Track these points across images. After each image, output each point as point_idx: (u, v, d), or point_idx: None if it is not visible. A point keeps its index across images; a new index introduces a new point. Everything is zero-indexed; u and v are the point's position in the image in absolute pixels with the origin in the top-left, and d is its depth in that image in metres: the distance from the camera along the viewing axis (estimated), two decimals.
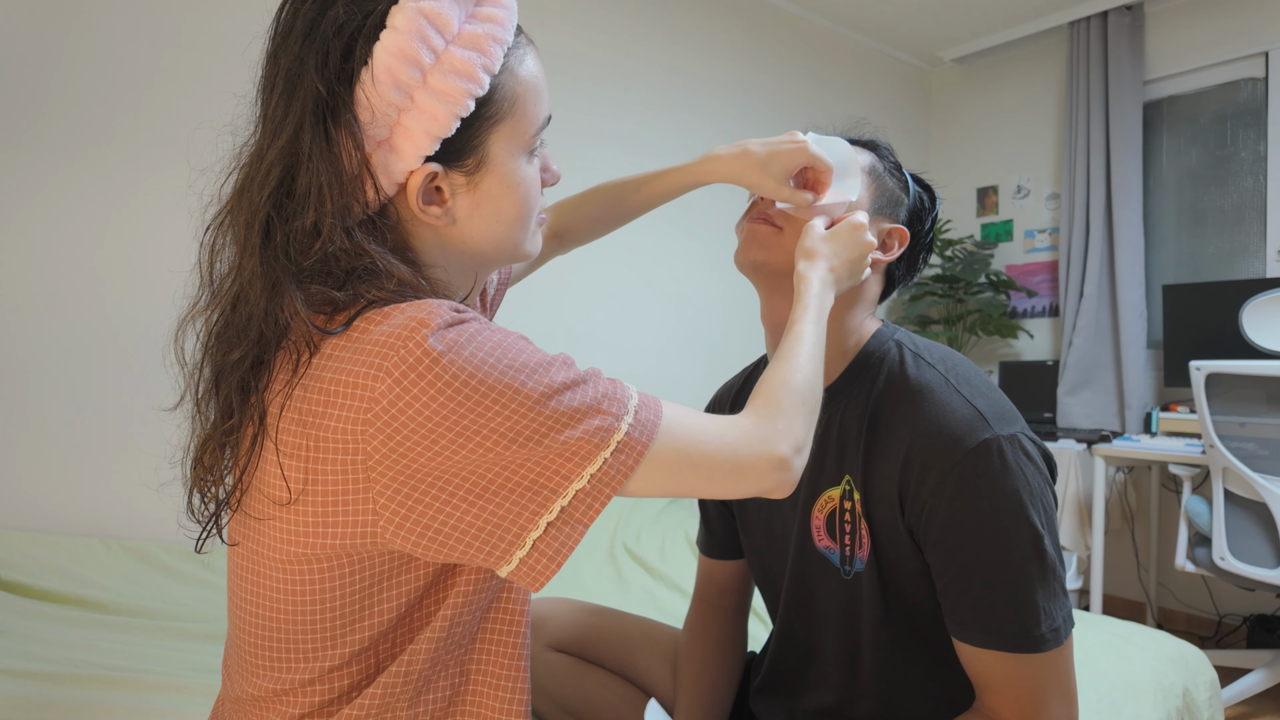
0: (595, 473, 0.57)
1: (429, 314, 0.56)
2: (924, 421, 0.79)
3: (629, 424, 0.59)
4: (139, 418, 1.74)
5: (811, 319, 0.76)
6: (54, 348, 1.66)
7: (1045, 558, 0.76)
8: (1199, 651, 1.48)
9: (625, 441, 0.58)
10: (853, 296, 0.90)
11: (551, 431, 0.56)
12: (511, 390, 0.55)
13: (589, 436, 0.57)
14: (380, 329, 0.56)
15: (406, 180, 0.61)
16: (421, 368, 0.54)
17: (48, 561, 1.49)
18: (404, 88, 0.58)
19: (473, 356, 0.55)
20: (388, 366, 0.54)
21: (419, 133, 0.59)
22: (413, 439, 0.54)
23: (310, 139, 0.57)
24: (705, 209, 2.83)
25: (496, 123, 0.63)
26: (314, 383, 0.57)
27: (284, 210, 0.58)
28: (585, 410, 0.57)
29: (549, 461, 0.56)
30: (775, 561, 0.97)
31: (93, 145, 1.70)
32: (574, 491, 0.57)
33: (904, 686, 0.88)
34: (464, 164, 0.63)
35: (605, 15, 2.59)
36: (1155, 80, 3.08)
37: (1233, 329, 2.49)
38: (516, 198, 0.66)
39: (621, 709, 1.08)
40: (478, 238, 0.66)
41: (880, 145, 0.95)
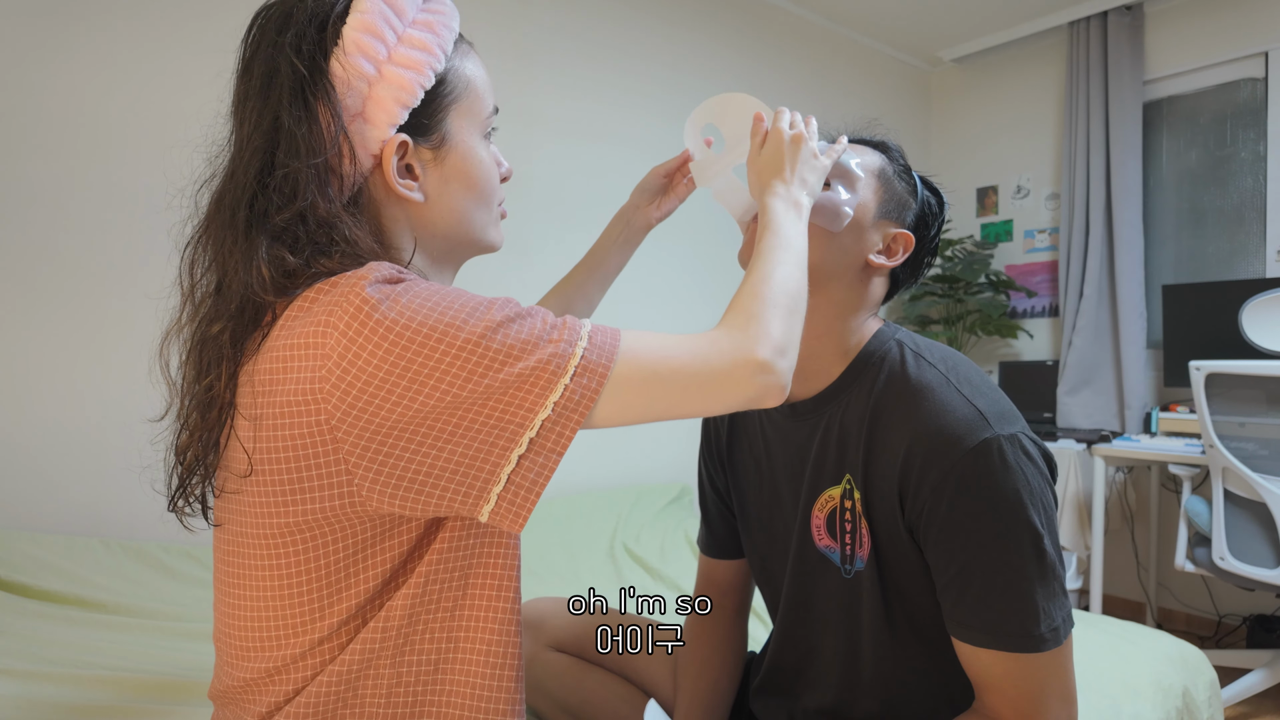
0: (559, 400, 0.57)
1: (368, 269, 0.59)
2: (924, 421, 0.79)
3: (584, 348, 0.59)
4: (139, 418, 1.74)
5: (774, 229, 0.76)
6: (54, 347, 1.66)
7: (1045, 557, 0.76)
8: (1199, 651, 1.48)
9: (584, 365, 0.59)
10: (855, 300, 0.89)
11: (504, 365, 0.57)
12: (454, 329, 0.57)
13: (543, 365, 0.58)
14: (328, 295, 0.59)
15: (380, 153, 0.65)
16: (362, 317, 0.56)
17: (48, 561, 1.49)
18: (372, 60, 0.63)
19: (410, 303, 0.57)
20: (333, 322, 0.56)
21: (389, 101, 0.64)
22: (369, 391, 0.55)
23: (290, 113, 0.61)
24: (706, 208, 2.83)
25: (454, 102, 0.68)
26: (268, 352, 0.59)
27: (266, 182, 0.62)
28: (534, 341, 0.58)
29: (509, 395, 0.57)
30: (776, 560, 0.97)
31: (93, 146, 1.70)
32: (540, 422, 0.57)
33: (904, 686, 0.88)
34: (430, 139, 0.68)
35: (605, 15, 2.59)
36: (1155, 80, 3.08)
37: (1233, 329, 2.49)
38: (479, 175, 0.71)
39: (621, 709, 1.08)
40: (447, 216, 0.70)
41: (891, 147, 0.94)
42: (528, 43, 2.41)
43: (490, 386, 0.56)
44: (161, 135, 1.77)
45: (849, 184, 0.87)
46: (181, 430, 0.67)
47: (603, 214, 2.57)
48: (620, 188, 2.61)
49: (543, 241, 2.44)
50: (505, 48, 2.36)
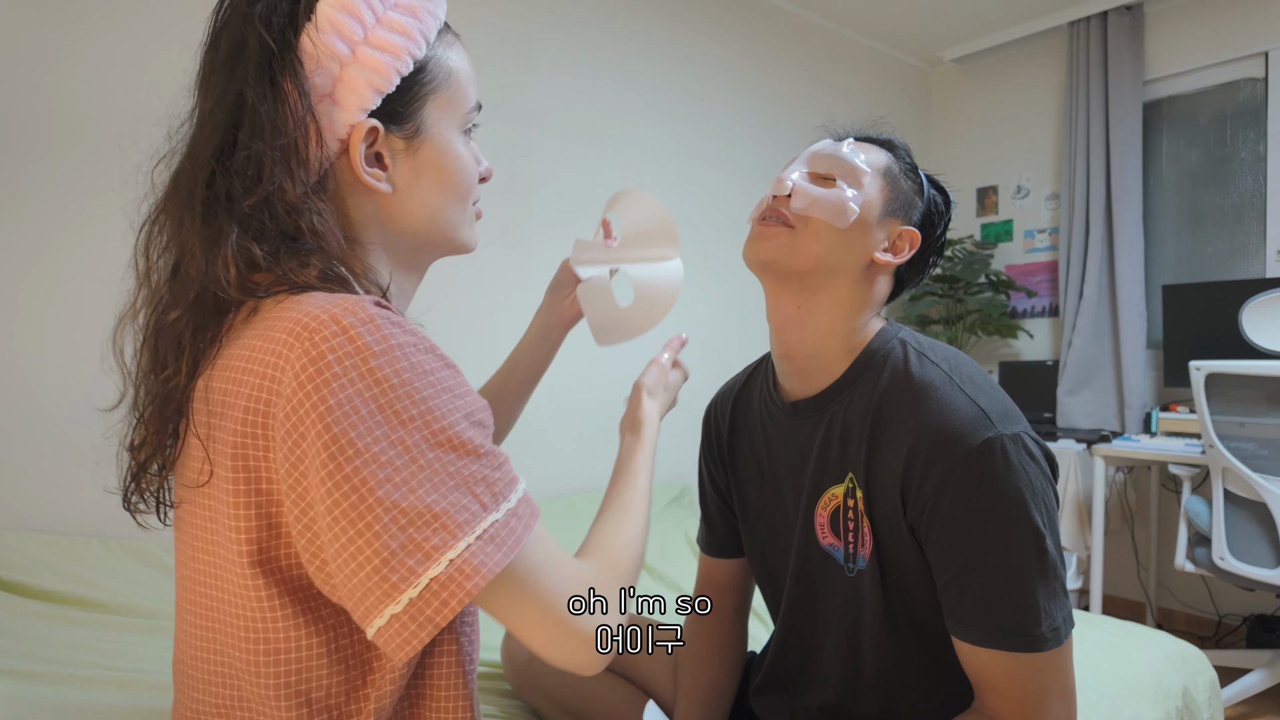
0: (454, 559, 0.52)
1: (342, 310, 0.54)
2: (927, 419, 0.79)
3: (498, 519, 0.55)
4: None
5: (648, 466, 0.79)
6: (54, 347, 1.66)
7: (1046, 557, 0.76)
8: (1199, 651, 1.48)
9: (494, 533, 0.54)
10: (860, 298, 0.89)
11: (430, 488, 0.52)
12: (403, 423, 0.52)
13: (462, 511, 0.53)
14: (292, 314, 0.55)
15: (348, 138, 0.62)
16: (321, 365, 0.52)
17: (48, 561, 1.49)
18: (347, 40, 0.60)
19: (377, 370, 0.53)
20: (291, 358, 0.53)
21: (361, 84, 0.61)
22: (301, 446, 0.52)
23: (255, 89, 0.58)
24: (706, 208, 2.83)
25: (432, 92, 0.65)
26: (224, 369, 0.57)
27: (227, 164, 0.59)
28: (475, 481, 0.54)
29: (414, 528, 0.51)
30: (778, 559, 0.97)
31: (91, 146, 1.70)
32: (427, 580, 0.51)
33: (904, 685, 0.88)
34: (404, 128, 0.64)
35: (605, 15, 2.59)
36: (1155, 80, 3.08)
37: (1232, 329, 2.49)
38: (455, 170, 0.68)
39: (621, 709, 1.08)
40: (417, 211, 0.66)
41: (897, 145, 0.94)
42: (528, 43, 2.41)
43: (403, 505, 0.51)
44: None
45: (854, 181, 0.87)
46: (137, 423, 0.64)
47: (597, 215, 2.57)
48: (618, 187, 2.61)
49: (542, 241, 2.43)
50: (505, 48, 2.36)
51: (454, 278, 2.18)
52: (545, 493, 2.40)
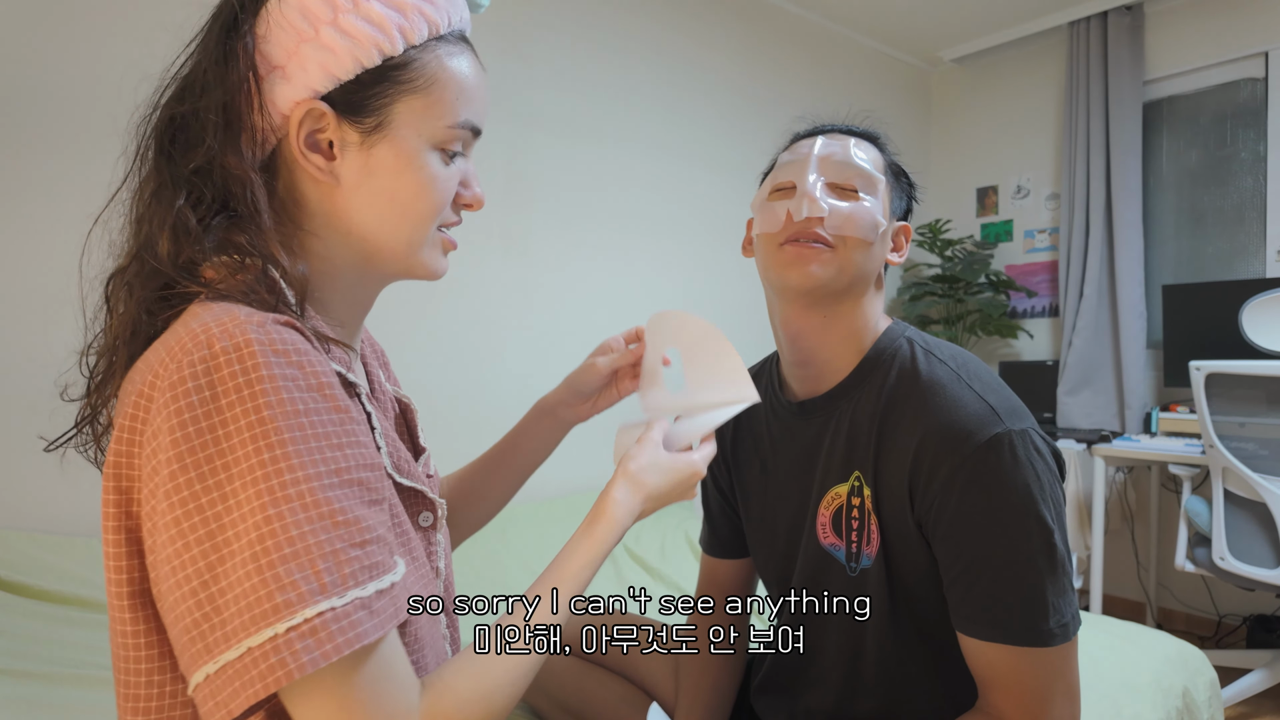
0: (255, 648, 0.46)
1: (238, 325, 0.50)
2: (935, 416, 0.79)
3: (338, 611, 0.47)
4: None
5: (577, 580, 0.65)
6: (53, 347, 1.66)
7: (1055, 553, 0.76)
8: (1199, 651, 1.48)
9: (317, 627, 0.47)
10: (874, 299, 0.91)
11: (280, 557, 0.47)
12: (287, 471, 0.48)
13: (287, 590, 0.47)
14: (183, 326, 0.52)
15: (291, 113, 0.59)
16: (180, 391, 0.48)
17: (48, 561, 1.49)
18: (310, 18, 0.58)
19: (245, 401, 0.48)
20: (163, 374, 0.50)
21: (313, 65, 0.58)
22: (154, 480, 0.48)
23: (212, 48, 0.58)
24: (706, 208, 2.83)
25: (408, 93, 0.60)
26: (145, 356, 0.54)
27: (174, 120, 0.58)
28: (321, 555, 0.48)
29: (242, 592, 0.46)
30: (781, 559, 0.97)
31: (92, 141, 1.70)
32: (203, 675, 0.47)
33: (906, 685, 0.88)
34: (361, 121, 0.60)
35: (604, 15, 2.59)
36: (1155, 80, 3.08)
37: (1233, 329, 2.49)
38: (416, 182, 0.61)
39: (621, 709, 1.08)
40: (365, 214, 0.61)
41: (881, 138, 0.94)
42: (528, 43, 2.41)
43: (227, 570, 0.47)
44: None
45: (872, 189, 0.87)
46: (100, 357, 0.62)
47: (602, 214, 2.58)
48: (619, 188, 2.62)
49: (542, 241, 2.43)
50: (505, 47, 2.36)
51: (452, 277, 2.18)
52: (545, 493, 2.40)
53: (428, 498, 0.69)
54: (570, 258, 2.51)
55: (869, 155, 0.89)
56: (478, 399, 2.29)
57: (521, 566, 1.90)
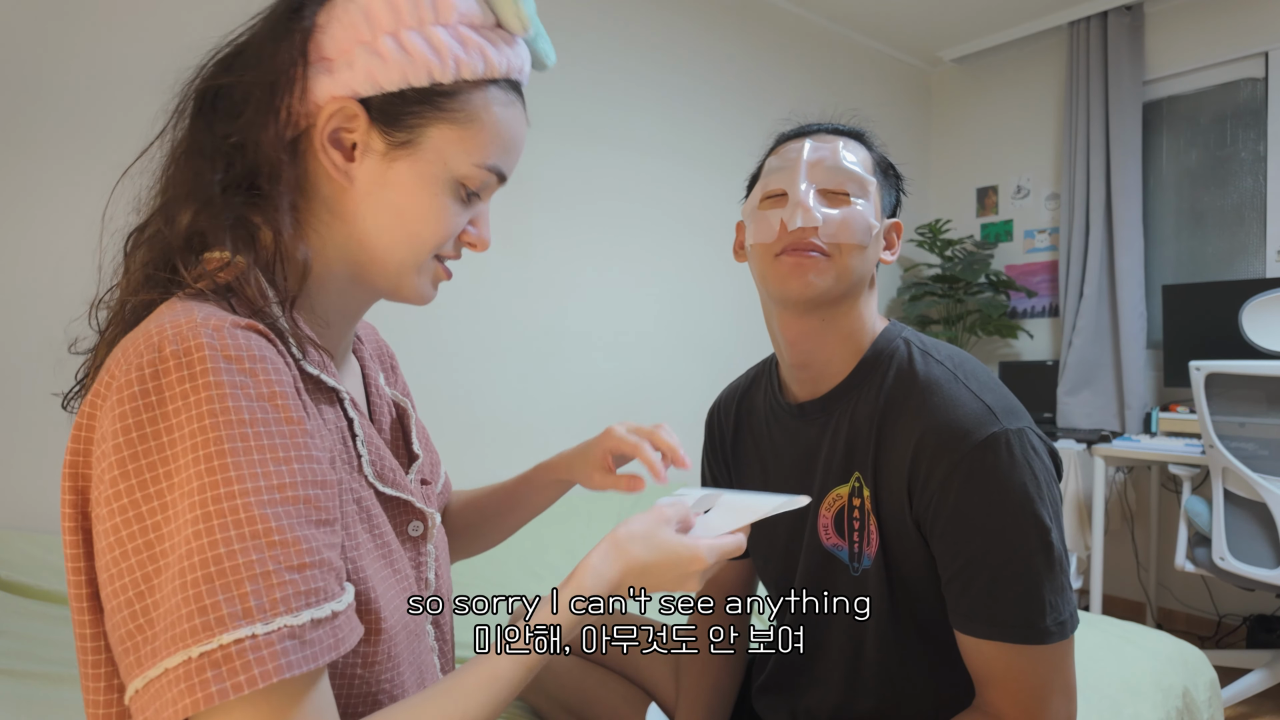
0: (174, 668, 0.44)
1: (191, 326, 0.48)
2: (933, 415, 0.80)
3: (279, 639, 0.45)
4: None
5: (520, 670, 0.58)
6: (53, 346, 1.66)
7: (1052, 551, 0.76)
8: (1199, 651, 1.48)
9: (233, 653, 0.44)
10: (869, 299, 0.91)
11: (205, 576, 0.44)
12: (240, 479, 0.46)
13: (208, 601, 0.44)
14: (147, 324, 0.51)
15: (324, 105, 0.59)
16: (125, 395, 0.47)
17: (48, 561, 1.49)
18: (373, 22, 0.58)
19: (214, 421, 0.46)
20: (117, 374, 0.48)
21: (361, 67, 0.58)
22: (102, 482, 0.47)
23: (271, 26, 0.59)
24: (707, 206, 2.83)
25: (446, 122, 0.60)
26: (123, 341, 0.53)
27: (220, 88, 0.59)
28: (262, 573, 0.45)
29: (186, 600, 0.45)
30: (782, 560, 0.97)
31: (88, 141, 1.70)
32: (131, 690, 0.45)
33: (906, 684, 0.88)
34: (392, 133, 0.60)
35: (605, 14, 2.59)
36: (1155, 80, 3.08)
37: (1232, 329, 2.49)
38: (427, 208, 0.61)
39: (621, 709, 1.08)
40: (368, 221, 0.61)
41: (867, 135, 0.94)
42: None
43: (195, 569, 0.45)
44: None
45: (864, 192, 0.87)
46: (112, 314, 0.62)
47: (602, 215, 2.58)
48: (618, 188, 2.62)
49: (542, 242, 2.43)
50: None
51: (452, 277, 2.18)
52: None
53: (415, 507, 0.67)
54: (570, 259, 2.51)
55: (858, 156, 0.89)
56: (477, 400, 2.29)
57: (521, 567, 1.90)
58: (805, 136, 0.92)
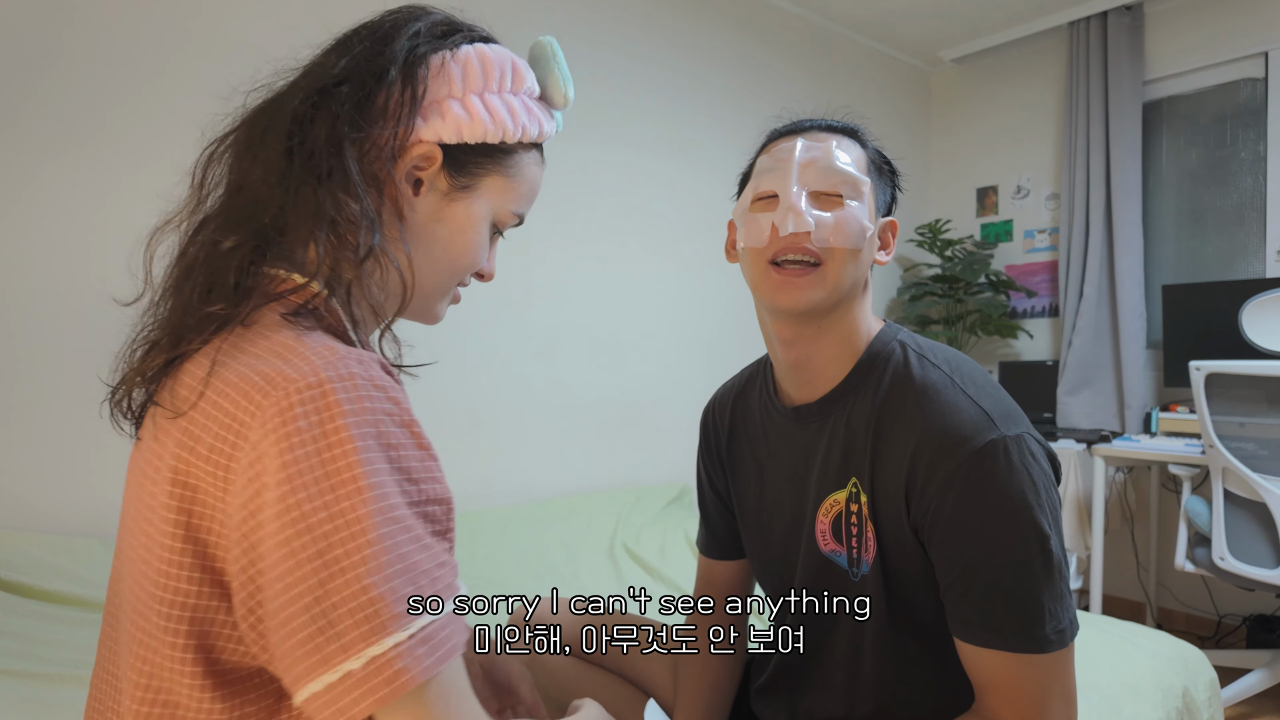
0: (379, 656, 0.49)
1: (338, 359, 0.53)
2: (930, 421, 0.79)
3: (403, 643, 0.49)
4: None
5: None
6: (54, 346, 1.66)
7: (1051, 559, 0.75)
8: (1198, 651, 1.48)
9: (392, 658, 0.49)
10: (865, 300, 0.89)
11: (392, 573, 0.50)
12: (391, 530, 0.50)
13: (368, 608, 0.49)
14: (277, 360, 0.54)
15: (414, 147, 0.65)
16: (289, 430, 0.50)
17: (48, 561, 1.49)
18: (468, 82, 0.66)
19: (344, 444, 0.51)
20: (265, 405, 0.51)
21: (452, 119, 0.66)
22: (257, 503, 0.51)
23: (387, 68, 0.63)
24: (707, 206, 2.83)
25: (499, 174, 0.70)
26: (227, 364, 0.55)
27: (330, 107, 0.62)
28: (403, 581, 0.50)
29: (340, 618, 0.49)
30: (779, 564, 0.97)
31: (92, 140, 1.70)
32: (308, 694, 0.49)
33: (905, 688, 0.88)
34: (457, 178, 0.68)
35: (605, 14, 2.59)
36: (1155, 80, 3.08)
37: (1232, 329, 2.49)
38: (469, 243, 0.70)
39: (621, 709, 1.08)
40: (418, 252, 0.68)
41: (861, 131, 0.91)
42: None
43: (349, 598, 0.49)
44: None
45: (857, 193, 0.84)
46: (152, 327, 0.63)
47: (602, 214, 2.58)
48: (618, 188, 2.62)
49: (542, 241, 2.43)
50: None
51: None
52: (545, 493, 2.40)
53: None
54: (570, 258, 2.51)
55: (852, 155, 0.86)
56: (478, 399, 2.29)
57: (520, 566, 1.90)
58: (797, 134, 0.89)
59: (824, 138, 0.88)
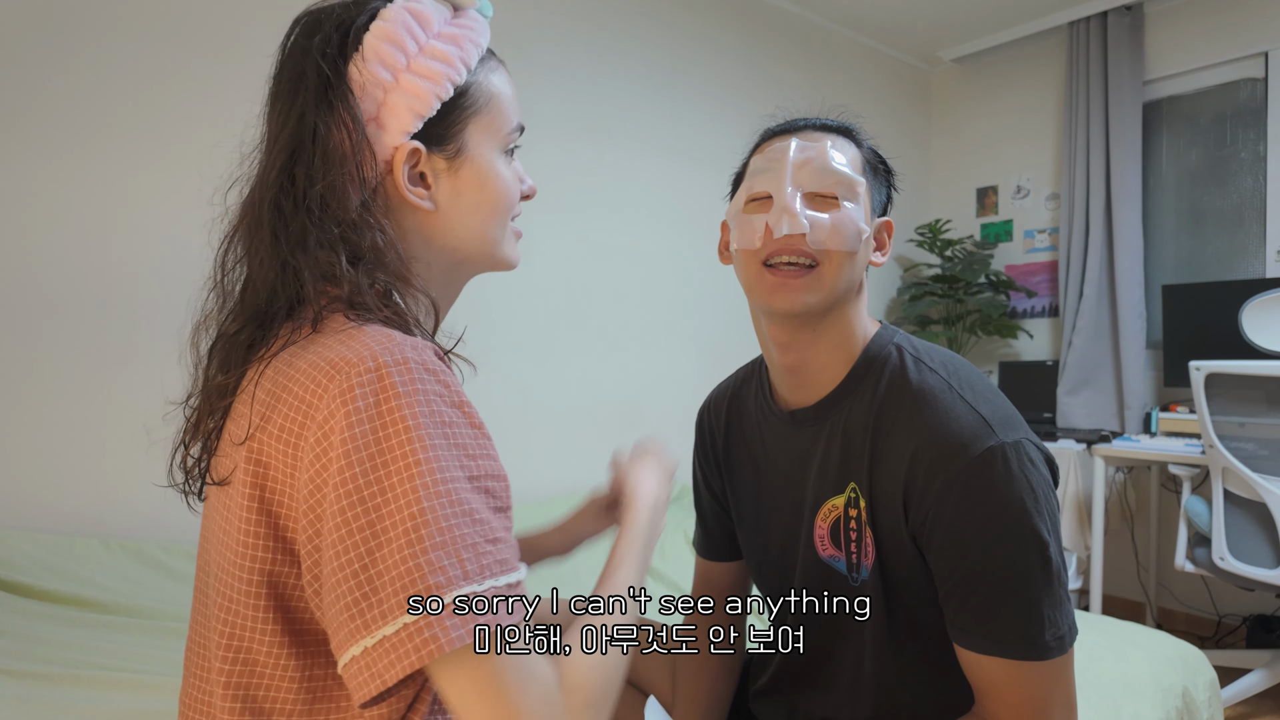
0: (410, 623, 0.51)
1: (384, 348, 0.56)
2: (928, 428, 0.78)
3: (477, 601, 0.52)
4: (140, 417, 1.74)
5: (638, 570, 0.72)
6: (54, 346, 1.66)
7: (1050, 566, 0.75)
8: (1198, 651, 1.48)
9: (459, 616, 0.51)
10: (861, 302, 0.88)
11: (431, 545, 0.52)
12: (437, 481, 0.53)
13: (435, 571, 0.52)
14: (343, 348, 0.57)
15: (392, 159, 0.65)
16: (352, 407, 0.54)
17: (48, 561, 1.49)
18: (390, 68, 0.64)
19: (407, 416, 0.54)
20: (332, 389, 0.55)
21: (403, 109, 0.65)
22: (327, 485, 0.54)
23: (315, 116, 0.63)
24: (708, 205, 2.83)
25: (474, 114, 0.69)
26: (281, 369, 0.60)
27: (292, 188, 0.63)
28: (469, 553, 0.53)
29: (393, 578, 0.51)
30: (774, 566, 0.97)
31: (98, 139, 1.70)
32: (356, 652, 0.52)
33: (905, 692, 0.87)
34: (445, 149, 0.68)
35: (604, 15, 2.59)
36: (1155, 80, 3.08)
37: (1232, 329, 2.49)
38: (494, 189, 0.71)
39: (620, 709, 1.07)
40: (458, 229, 0.70)
41: (856, 131, 0.90)
42: (528, 43, 2.41)
43: (396, 552, 0.52)
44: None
45: (852, 194, 0.83)
46: (196, 414, 0.68)
47: (601, 213, 2.58)
48: (618, 187, 2.62)
49: (541, 241, 2.43)
50: (504, 48, 2.35)
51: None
52: (544, 493, 2.40)
53: None
54: (570, 257, 2.51)
55: (847, 155, 0.85)
56: (476, 399, 2.28)
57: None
58: (791, 134, 0.88)
59: (818, 137, 0.87)
